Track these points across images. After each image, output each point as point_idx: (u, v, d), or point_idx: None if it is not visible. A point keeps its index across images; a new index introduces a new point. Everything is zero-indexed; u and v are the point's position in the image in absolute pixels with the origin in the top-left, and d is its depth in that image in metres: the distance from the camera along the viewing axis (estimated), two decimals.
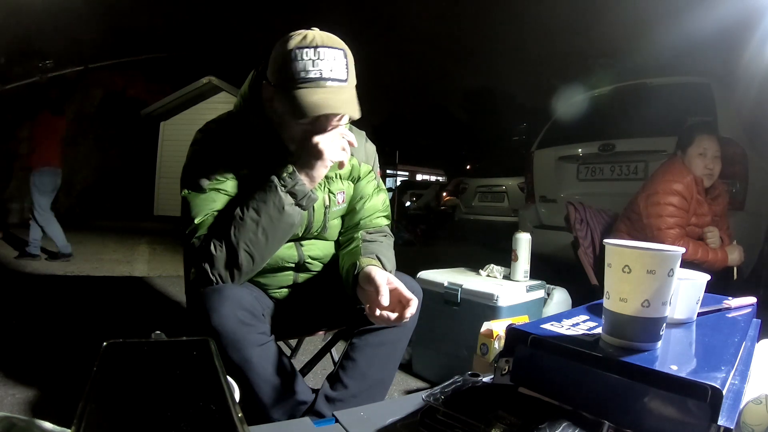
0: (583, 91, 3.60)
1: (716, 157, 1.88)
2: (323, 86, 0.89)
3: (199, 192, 0.97)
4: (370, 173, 1.16)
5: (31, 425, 0.47)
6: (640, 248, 0.57)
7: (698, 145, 1.87)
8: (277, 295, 1.11)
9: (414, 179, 20.23)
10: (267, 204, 0.92)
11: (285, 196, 0.93)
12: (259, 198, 0.93)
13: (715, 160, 1.88)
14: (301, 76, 0.88)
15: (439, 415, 0.62)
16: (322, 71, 0.89)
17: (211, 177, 0.97)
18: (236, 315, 0.88)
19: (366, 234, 1.12)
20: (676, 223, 1.81)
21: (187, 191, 0.98)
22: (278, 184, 0.92)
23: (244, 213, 0.92)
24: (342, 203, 1.12)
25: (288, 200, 0.93)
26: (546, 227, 3.36)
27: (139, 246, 5.30)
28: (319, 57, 0.88)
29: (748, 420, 0.63)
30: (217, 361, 0.47)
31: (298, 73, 0.88)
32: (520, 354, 0.62)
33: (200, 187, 0.97)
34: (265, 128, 1.00)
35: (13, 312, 2.45)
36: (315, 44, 0.89)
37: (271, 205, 0.92)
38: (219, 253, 0.92)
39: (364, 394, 1.02)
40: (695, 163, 1.87)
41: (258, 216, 0.92)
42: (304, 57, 0.88)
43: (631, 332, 0.58)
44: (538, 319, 0.74)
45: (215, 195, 0.97)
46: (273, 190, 0.92)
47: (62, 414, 1.31)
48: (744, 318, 0.80)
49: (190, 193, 0.97)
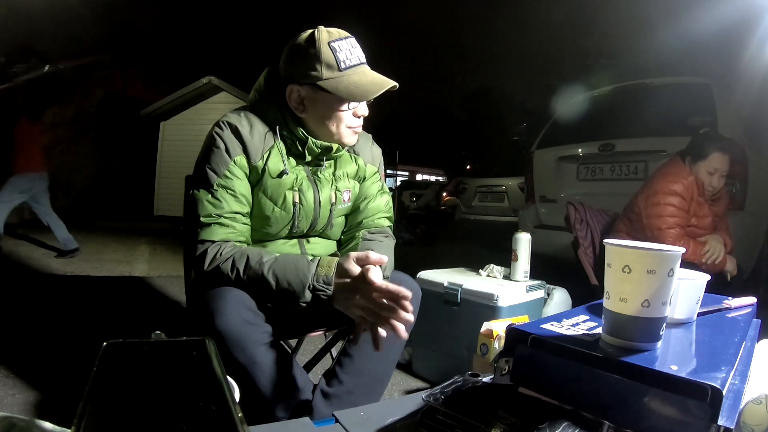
0: (583, 91, 3.61)
1: (723, 177, 1.87)
2: (363, 69, 1.00)
3: (208, 190, 0.98)
4: (375, 174, 1.20)
5: (31, 425, 0.47)
6: (640, 248, 0.57)
7: (710, 163, 1.84)
8: None
9: (414, 179, 20.25)
10: (290, 283, 0.91)
11: (307, 292, 0.91)
12: (288, 271, 0.91)
13: (721, 180, 1.86)
14: (347, 64, 0.98)
15: (439, 415, 0.62)
16: (359, 55, 1.00)
17: (221, 174, 0.98)
18: (240, 315, 0.88)
19: (367, 233, 1.14)
20: (676, 223, 1.81)
21: (196, 190, 0.99)
22: (310, 280, 0.90)
23: (264, 270, 0.91)
24: (347, 201, 1.15)
25: (307, 295, 0.91)
26: (546, 227, 3.36)
27: (139, 246, 5.29)
28: (352, 45, 1.00)
29: (748, 420, 0.63)
30: (217, 361, 0.47)
31: (343, 62, 0.97)
32: (520, 354, 0.62)
33: (209, 184, 0.98)
34: (282, 120, 1.03)
35: (13, 312, 2.45)
36: (342, 36, 1.00)
37: (293, 284, 0.91)
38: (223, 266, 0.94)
39: (360, 391, 1.03)
40: (704, 179, 1.85)
41: (275, 283, 0.91)
42: (342, 48, 0.98)
43: (631, 332, 0.58)
44: (538, 319, 0.74)
45: (223, 194, 0.98)
46: (301, 280, 0.91)
47: (62, 414, 1.31)
48: (744, 318, 0.80)
49: (200, 191, 0.99)
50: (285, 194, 1.04)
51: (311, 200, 1.08)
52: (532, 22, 32.54)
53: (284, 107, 1.04)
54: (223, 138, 1.00)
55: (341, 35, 1.00)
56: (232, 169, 1.00)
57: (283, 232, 1.08)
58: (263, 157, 1.02)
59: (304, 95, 1.01)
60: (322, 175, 1.09)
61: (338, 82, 0.97)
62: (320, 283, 0.90)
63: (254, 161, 1.01)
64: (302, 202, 1.06)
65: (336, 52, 0.97)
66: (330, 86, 0.98)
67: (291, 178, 1.05)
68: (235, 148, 1.00)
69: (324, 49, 0.97)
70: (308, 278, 0.90)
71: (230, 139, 1.00)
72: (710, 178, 1.85)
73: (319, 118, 1.02)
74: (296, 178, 1.06)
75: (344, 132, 1.04)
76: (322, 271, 0.91)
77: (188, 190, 1.03)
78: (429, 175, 24.76)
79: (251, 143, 1.01)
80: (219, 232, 0.98)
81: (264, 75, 1.08)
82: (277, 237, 1.09)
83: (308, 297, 0.90)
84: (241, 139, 1.00)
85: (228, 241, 0.98)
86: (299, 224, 1.08)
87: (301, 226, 1.09)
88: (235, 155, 1.00)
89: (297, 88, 1.01)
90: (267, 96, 1.06)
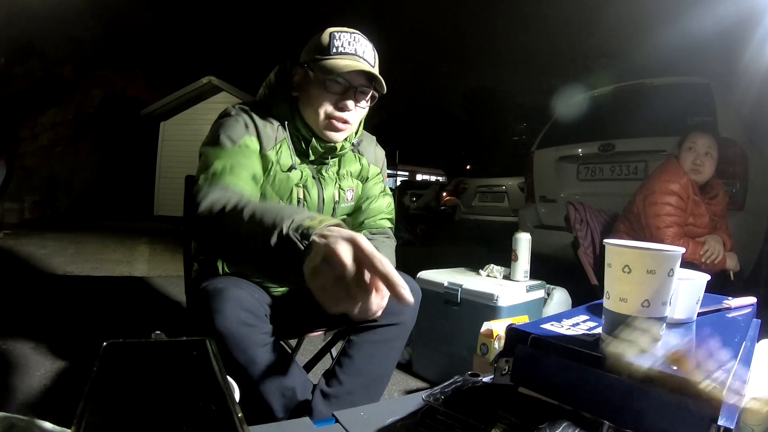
0: (583, 91, 3.61)
1: (707, 154, 1.86)
2: (357, 59, 1.00)
3: (221, 149, 0.95)
4: (378, 175, 1.21)
5: (31, 425, 0.47)
6: (640, 248, 0.57)
7: (688, 141, 1.88)
8: (278, 293, 1.12)
9: (414, 179, 20.24)
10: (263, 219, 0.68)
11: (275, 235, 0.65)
12: (269, 211, 0.69)
13: (705, 157, 1.86)
14: (340, 50, 0.99)
15: (439, 415, 0.62)
16: (357, 49, 1.01)
17: (235, 142, 0.97)
18: (239, 316, 0.88)
19: (368, 234, 1.15)
20: (674, 221, 1.81)
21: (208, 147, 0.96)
22: (286, 225, 0.64)
23: (246, 206, 0.73)
24: (350, 200, 1.16)
25: (274, 238, 0.65)
26: (546, 227, 3.36)
27: (139, 246, 5.29)
28: (355, 40, 1.01)
29: (748, 420, 0.63)
30: (217, 361, 0.47)
31: (336, 47, 0.99)
32: (520, 354, 0.62)
33: (223, 146, 0.95)
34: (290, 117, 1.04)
35: (14, 312, 2.45)
36: (348, 30, 1.02)
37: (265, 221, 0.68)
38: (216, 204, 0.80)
39: (359, 391, 1.03)
40: (684, 157, 1.87)
41: (248, 219, 0.71)
42: (342, 38, 1.00)
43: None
44: (538, 319, 0.74)
45: (238, 150, 0.95)
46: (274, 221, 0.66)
47: (62, 414, 1.31)
48: (744, 318, 0.80)
49: (212, 149, 0.95)
50: (292, 189, 1.05)
51: (315, 198, 1.08)
52: (532, 22, 32.54)
53: (293, 105, 1.05)
54: (241, 115, 1.01)
55: (349, 30, 1.03)
56: (248, 142, 0.98)
57: None
58: (274, 148, 1.02)
59: (300, 76, 1.04)
60: (327, 174, 1.10)
61: (322, 63, 0.99)
62: (297, 232, 0.63)
63: (266, 149, 1.01)
64: (306, 199, 1.07)
65: (333, 39, 1.00)
66: (315, 66, 1.00)
67: (298, 174, 1.05)
68: (251, 127, 1.00)
69: (324, 36, 1.00)
70: (284, 222, 0.65)
71: (246, 119, 1.01)
72: (691, 156, 1.86)
73: (306, 99, 1.03)
74: (302, 175, 1.06)
75: (323, 119, 1.01)
76: (308, 222, 0.64)
77: (188, 189, 1.03)
78: (429, 175, 24.74)
79: (264, 131, 1.01)
80: (227, 180, 0.90)
81: (275, 72, 1.09)
82: None
83: (274, 240, 0.65)
84: (255, 124, 1.01)
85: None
86: None
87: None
88: (251, 134, 0.99)
89: (298, 69, 1.04)
90: (277, 92, 1.06)
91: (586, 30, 20.24)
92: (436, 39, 41.37)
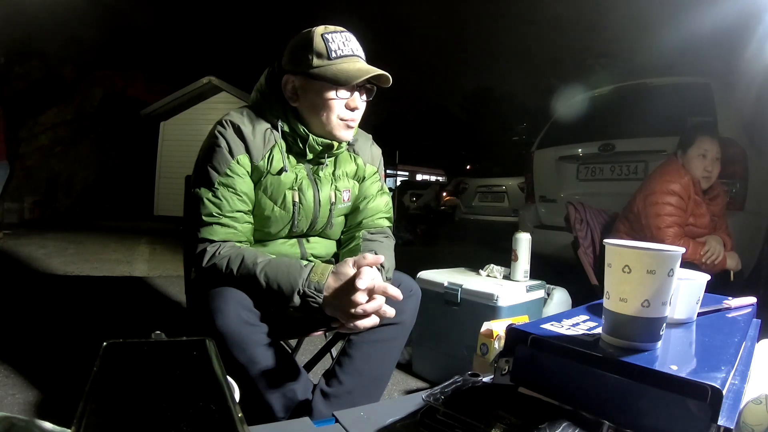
0: (583, 91, 3.61)
1: (716, 160, 1.87)
2: (358, 60, 1.02)
3: (209, 188, 0.99)
4: (374, 174, 1.20)
5: (31, 425, 0.47)
6: (640, 248, 0.57)
7: (699, 147, 1.86)
8: None
9: (414, 179, 20.24)
10: (281, 285, 0.91)
11: (296, 296, 0.90)
12: (280, 274, 0.91)
13: (714, 163, 1.87)
14: (339, 54, 0.99)
15: (439, 415, 0.62)
16: (353, 49, 1.02)
17: (222, 172, 0.99)
18: (240, 316, 0.88)
19: (367, 233, 1.14)
20: (674, 222, 1.81)
21: (197, 189, 1.00)
22: (300, 285, 0.90)
23: (257, 271, 0.91)
24: (347, 201, 1.15)
25: (296, 299, 0.91)
26: (546, 227, 3.36)
27: (139, 246, 5.29)
28: (347, 39, 1.02)
29: (748, 420, 0.63)
30: (217, 361, 0.47)
31: (334, 51, 0.99)
32: (520, 354, 0.62)
33: (211, 182, 0.99)
34: (284, 117, 1.05)
35: (14, 312, 2.45)
36: (337, 30, 1.02)
37: (283, 287, 0.90)
38: (219, 263, 0.95)
39: (359, 391, 1.03)
40: (694, 164, 1.86)
41: (266, 284, 0.91)
42: (335, 39, 1.00)
43: (631, 332, 0.58)
44: (538, 319, 0.74)
45: (225, 193, 0.99)
46: (291, 284, 0.90)
47: (62, 414, 1.31)
48: (744, 318, 0.80)
49: (201, 190, 1.00)
50: (285, 193, 1.05)
51: (311, 200, 1.08)
52: (533, 22, 32.54)
53: (286, 105, 1.05)
54: (226, 137, 1.01)
55: (336, 29, 1.02)
56: (234, 168, 1.00)
57: (282, 231, 1.09)
58: (265, 157, 1.03)
59: (297, 85, 1.03)
60: (322, 174, 1.10)
61: (327, 69, 0.99)
62: (311, 289, 0.89)
63: (256, 161, 1.02)
64: (302, 201, 1.06)
65: (328, 42, 0.99)
66: (319, 73, 0.99)
67: (291, 176, 1.05)
68: (238, 146, 1.01)
69: (317, 40, 0.99)
70: (299, 283, 0.90)
71: (233, 138, 1.01)
72: (703, 163, 1.85)
73: (311, 106, 1.03)
74: (296, 177, 1.06)
75: (335, 123, 1.03)
76: (315, 277, 0.90)
77: (188, 189, 1.03)
78: (429, 175, 24.73)
79: (253, 143, 1.01)
80: (219, 231, 0.98)
81: (265, 74, 1.09)
82: (277, 237, 1.09)
83: (297, 302, 0.90)
84: (244, 138, 1.01)
85: (228, 241, 0.98)
86: (299, 224, 1.08)
87: (301, 225, 1.09)
88: (238, 154, 1.00)
89: (291, 78, 1.03)
90: (268, 94, 1.06)
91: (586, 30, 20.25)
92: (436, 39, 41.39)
